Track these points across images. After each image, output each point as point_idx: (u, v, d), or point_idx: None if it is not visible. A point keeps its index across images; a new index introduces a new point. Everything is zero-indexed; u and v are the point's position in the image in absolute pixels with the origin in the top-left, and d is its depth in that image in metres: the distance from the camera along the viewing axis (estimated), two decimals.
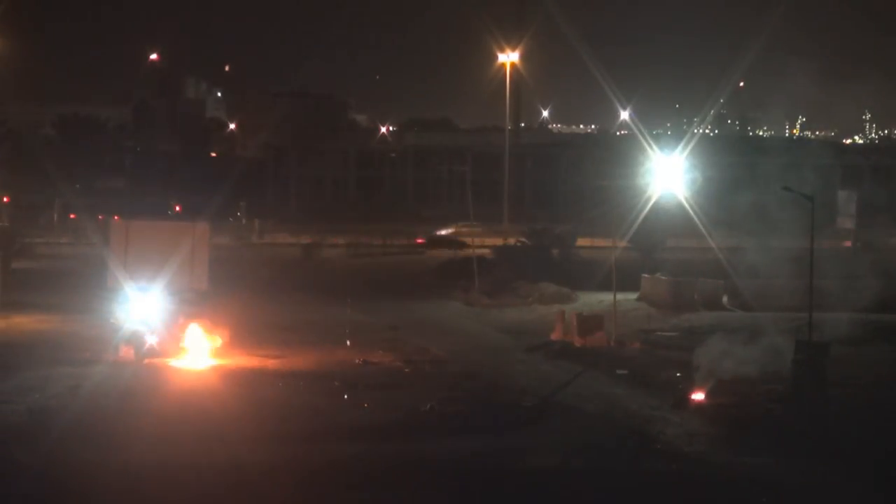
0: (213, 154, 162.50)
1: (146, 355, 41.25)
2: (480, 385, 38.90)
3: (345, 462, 29.37)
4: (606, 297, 53.32)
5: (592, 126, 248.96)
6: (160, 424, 32.08)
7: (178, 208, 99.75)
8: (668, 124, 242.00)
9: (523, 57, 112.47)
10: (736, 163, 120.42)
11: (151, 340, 41.79)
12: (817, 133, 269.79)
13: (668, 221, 69.68)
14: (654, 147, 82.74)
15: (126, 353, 41.30)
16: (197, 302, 44.94)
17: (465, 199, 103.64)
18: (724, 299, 56.26)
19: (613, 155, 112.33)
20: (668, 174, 65.20)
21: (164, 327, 42.01)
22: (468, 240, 73.30)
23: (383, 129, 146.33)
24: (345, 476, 28.30)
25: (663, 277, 58.90)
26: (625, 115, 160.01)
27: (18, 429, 31.47)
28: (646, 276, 59.97)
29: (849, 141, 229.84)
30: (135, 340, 41.50)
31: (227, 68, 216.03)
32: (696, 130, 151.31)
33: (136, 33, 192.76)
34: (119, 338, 41.68)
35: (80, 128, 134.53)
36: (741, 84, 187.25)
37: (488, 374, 40.96)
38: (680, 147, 77.74)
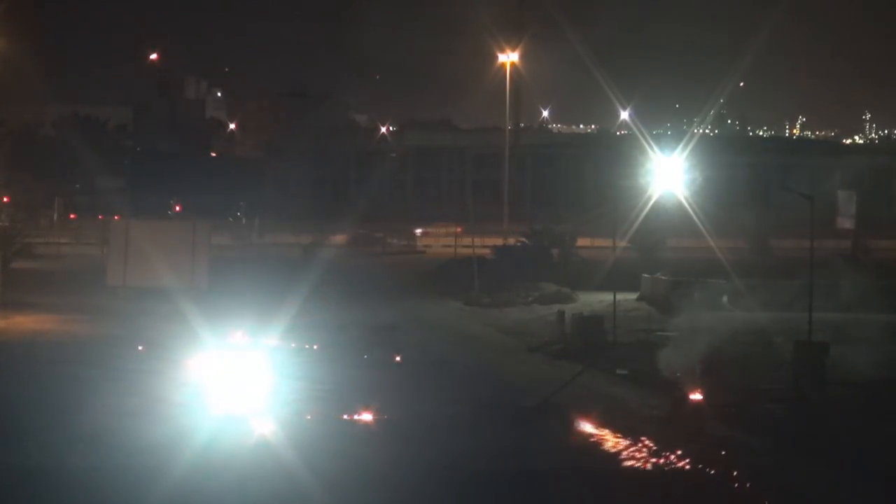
0: (213, 154, 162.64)
1: None
2: (480, 385, 38.90)
3: (341, 461, 29.37)
4: (606, 297, 53.34)
5: (592, 126, 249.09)
6: None
7: (178, 208, 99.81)
8: (668, 124, 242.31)
9: (523, 57, 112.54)
10: (736, 163, 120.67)
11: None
12: (817, 133, 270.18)
13: (668, 221, 69.83)
14: (654, 147, 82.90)
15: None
16: None
17: (466, 199, 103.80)
18: (725, 299, 56.27)
19: (613, 155, 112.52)
20: (668, 174, 65.31)
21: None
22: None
23: (383, 129, 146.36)
24: (342, 475, 28.29)
25: (663, 277, 58.93)
26: (625, 115, 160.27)
27: None
28: (646, 276, 60.00)
29: (849, 141, 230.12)
30: None
31: (227, 69, 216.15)
32: (696, 130, 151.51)
33: (136, 33, 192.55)
34: None
35: (80, 128, 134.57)
36: (741, 84, 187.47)
37: (488, 374, 40.96)
38: (680, 147, 77.90)
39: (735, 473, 29.16)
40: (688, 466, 29.85)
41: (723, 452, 30.99)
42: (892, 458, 30.95)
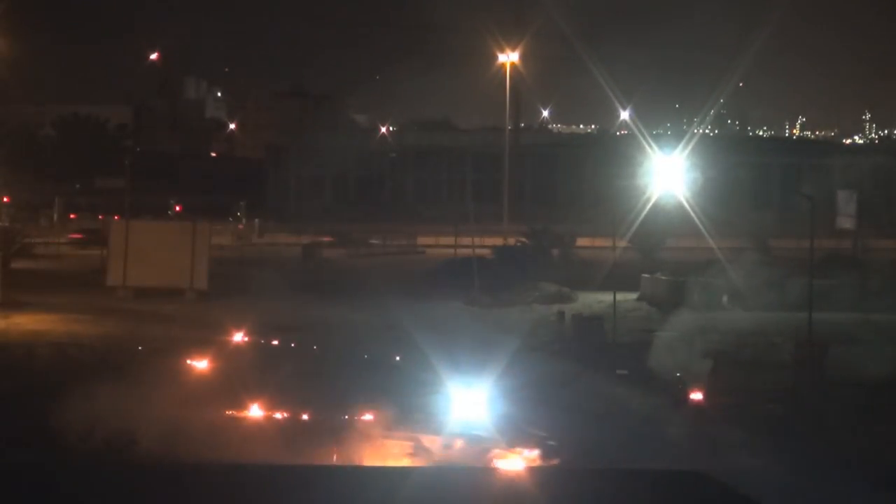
0: (213, 154, 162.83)
1: None
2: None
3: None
4: (606, 297, 53.33)
5: (592, 126, 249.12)
6: None
7: (178, 208, 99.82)
8: (668, 124, 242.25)
9: (523, 57, 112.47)
10: (736, 163, 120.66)
11: None
12: (817, 133, 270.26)
13: (667, 221, 69.85)
14: (654, 147, 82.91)
15: None
16: None
17: (465, 199, 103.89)
18: (725, 299, 56.28)
19: (613, 155, 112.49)
20: (667, 174, 65.38)
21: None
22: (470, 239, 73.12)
23: (383, 129, 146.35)
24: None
25: (663, 277, 58.91)
26: (625, 115, 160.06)
27: None
28: (646, 276, 59.98)
29: (849, 141, 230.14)
30: None
31: (226, 69, 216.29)
32: (696, 130, 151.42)
33: (136, 33, 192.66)
34: None
35: (80, 128, 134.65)
36: (741, 84, 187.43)
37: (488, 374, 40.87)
38: (680, 147, 77.94)
39: (735, 474, 29.15)
40: (687, 466, 29.84)
41: (723, 452, 31.01)
42: (891, 459, 30.94)
